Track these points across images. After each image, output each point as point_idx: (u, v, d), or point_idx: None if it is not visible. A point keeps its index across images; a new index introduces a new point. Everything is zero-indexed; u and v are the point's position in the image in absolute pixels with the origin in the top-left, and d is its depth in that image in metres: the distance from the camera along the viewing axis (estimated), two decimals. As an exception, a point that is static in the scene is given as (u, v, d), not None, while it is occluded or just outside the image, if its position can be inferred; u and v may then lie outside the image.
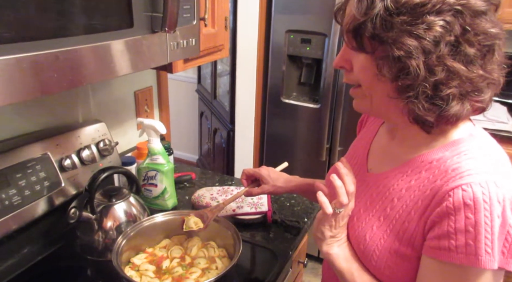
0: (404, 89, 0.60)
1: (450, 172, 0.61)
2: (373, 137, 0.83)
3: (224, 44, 1.23)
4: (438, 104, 0.60)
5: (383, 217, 0.68)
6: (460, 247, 0.57)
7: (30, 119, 1.06)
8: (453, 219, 0.57)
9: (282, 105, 2.18)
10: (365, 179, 0.77)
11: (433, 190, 0.62)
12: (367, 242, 0.69)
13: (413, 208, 0.64)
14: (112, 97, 1.32)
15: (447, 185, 0.59)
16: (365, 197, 0.74)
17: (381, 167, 0.75)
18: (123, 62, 0.77)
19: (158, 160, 1.19)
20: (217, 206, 0.98)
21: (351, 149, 0.89)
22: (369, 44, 0.61)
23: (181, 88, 3.28)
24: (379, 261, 0.67)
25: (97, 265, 0.99)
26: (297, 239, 1.13)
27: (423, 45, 0.57)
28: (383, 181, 0.71)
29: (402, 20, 0.57)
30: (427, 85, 0.58)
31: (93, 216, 0.98)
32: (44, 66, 0.61)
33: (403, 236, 0.65)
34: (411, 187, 0.66)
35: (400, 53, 0.57)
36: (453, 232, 0.57)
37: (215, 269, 0.91)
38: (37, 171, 0.96)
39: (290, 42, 2.05)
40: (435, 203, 0.60)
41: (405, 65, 0.58)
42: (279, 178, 1.05)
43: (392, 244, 0.66)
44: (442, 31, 0.56)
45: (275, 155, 2.31)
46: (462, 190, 0.57)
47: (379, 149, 0.79)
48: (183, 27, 0.90)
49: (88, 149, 1.10)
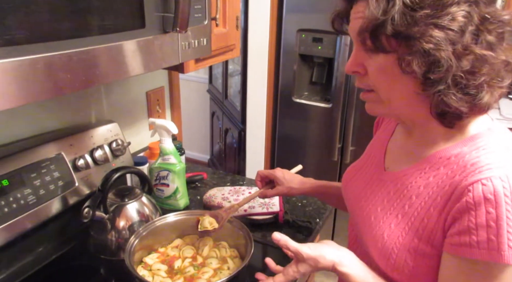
0: (435, 82, 0.59)
1: (469, 166, 0.60)
2: (389, 137, 0.82)
3: (235, 44, 1.23)
4: (471, 93, 0.59)
5: (401, 215, 0.67)
6: (482, 242, 0.56)
7: (44, 119, 1.07)
8: (473, 214, 0.56)
9: (294, 104, 2.17)
10: (382, 178, 0.76)
11: (452, 185, 0.61)
12: (385, 240, 0.68)
13: (432, 205, 0.63)
14: (125, 97, 1.33)
15: (466, 180, 0.58)
16: (382, 195, 0.73)
17: (398, 166, 0.74)
18: (135, 62, 0.77)
19: (170, 160, 1.19)
20: (232, 206, 0.98)
21: (368, 150, 0.88)
22: (390, 43, 0.60)
23: (192, 88, 3.30)
24: (398, 259, 0.66)
25: (110, 264, 1.00)
26: (309, 239, 1.12)
27: (450, 36, 0.57)
28: (401, 179, 0.71)
29: (425, 14, 0.57)
30: (461, 74, 0.58)
31: (106, 216, 0.99)
32: (58, 66, 0.61)
33: (422, 233, 0.64)
34: (429, 183, 0.65)
35: (430, 46, 0.57)
36: (474, 228, 0.56)
37: (227, 269, 0.91)
38: (52, 171, 0.97)
39: (302, 41, 2.04)
40: (454, 198, 0.60)
41: (436, 58, 0.57)
42: (293, 180, 1.04)
43: (411, 242, 0.65)
44: (465, 21, 0.57)
45: (286, 155, 2.30)
46: (482, 184, 0.56)
47: (396, 148, 0.78)
48: (194, 27, 0.90)
49: (101, 149, 1.11)
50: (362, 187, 0.80)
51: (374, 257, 0.71)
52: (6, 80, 0.55)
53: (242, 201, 1.01)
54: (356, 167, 0.86)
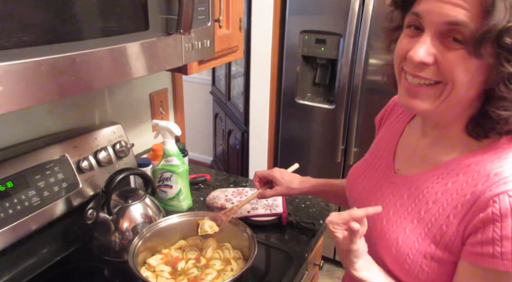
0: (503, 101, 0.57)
1: (492, 176, 0.59)
2: (399, 137, 0.80)
3: (238, 45, 1.23)
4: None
5: (416, 220, 0.67)
6: (506, 254, 0.56)
7: (49, 121, 1.08)
8: (498, 226, 0.56)
9: (297, 106, 2.17)
10: (392, 180, 0.75)
11: (474, 194, 0.60)
12: (399, 245, 0.67)
13: (452, 212, 0.62)
14: (128, 99, 1.34)
15: (490, 191, 0.58)
16: (394, 199, 0.72)
17: (410, 169, 0.73)
18: (139, 64, 0.77)
19: (173, 161, 1.19)
20: (231, 209, 0.98)
21: (372, 149, 0.86)
22: (486, 50, 0.54)
23: (195, 90, 3.30)
24: (413, 265, 0.65)
25: (113, 266, 1.00)
26: (313, 241, 1.12)
27: None
28: (415, 183, 0.69)
29: None
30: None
31: (109, 217, 1.00)
32: (62, 69, 0.62)
33: (440, 240, 0.63)
34: (447, 190, 0.64)
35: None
36: (498, 239, 0.56)
37: (230, 270, 0.91)
38: (56, 172, 0.98)
39: (305, 42, 2.04)
40: (477, 208, 0.59)
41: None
42: (292, 180, 1.04)
43: (427, 248, 0.64)
44: None
45: (289, 156, 2.30)
46: (508, 196, 0.56)
47: (407, 149, 0.77)
48: (198, 29, 0.90)
49: (104, 150, 1.11)
50: (370, 189, 0.79)
51: (386, 261, 0.70)
52: (11, 83, 0.56)
53: (241, 203, 1.01)
54: (362, 167, 0.85)
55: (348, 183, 0.87)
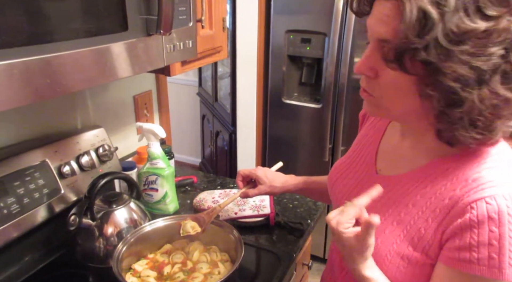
0: (450, 120, 0.57)
1: (470, 182, 0.59)
2: (381, 136, 0.80)
3: (222, 46, 1.22)
4: (485, 133, 0.57)
5: (396, 222, 0.66)
6: (482, 259, 0.56)
7: (28, 126, 1.05)
8: (476, 232, 0.56)
9: (284, 105, 2.17)
10: (374, 181, 0.73)
11: (453, 199, 0.60)
12: (378, 246, 0.67)
13: (430, 216, 0.62)
14: (111, 102, 1.31)
15: (468, 196, 0.58)
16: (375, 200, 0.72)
17: (392, 170, 0.73)
18: (119, 66, 0.75)
19: (158, 164, 1.17)
20: (214, 209, 0.97)
21: (355, 146, 0.86)
22: (414, 66, 0.54)
23: (182, 92, 3.28)
24: (390, 266, 0.65)
25: (99, 272, 0.98)
26: (301, 241, 1.11)
27: (481, 77, 0.52)
28: (396, 185, 0.69)
29: (462, 50, 0.51)
30: (480, 118, 0.55)
31: (93, 223, 0.97)
32: (36, 71, 0.60)
33: (418, 242, 0.63)
34: (426, 193, 0.64)
35: (457, 85, 0.53)
36: (475, 245, 0.56)
37: (218, 273, 0.90)
38: (36, 178, 0.95)
39: (290, 42, 2.04)
40: (455, 213, 0.59)
41: (459, 98, 0.54)
42: (275, 178, 1.03)
43: (405, 250, 0.64)
44: (500, 61, 0.52)
45: (277, 156, 2.29)
46: (486, 203, 0.56)
47: (389, 150, 0.76)
48: (179, 29, 0.89)
49: (87, 155, 1.09)
50: (352, 188, 0.78)
51: None
52: (-18, 87, 0.54)
53: (224, 203, 0.99)
54: (344, 165, 0.84)
55: (330, 180, 0.87)
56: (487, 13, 0.51)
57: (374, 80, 0.62)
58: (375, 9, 0.59)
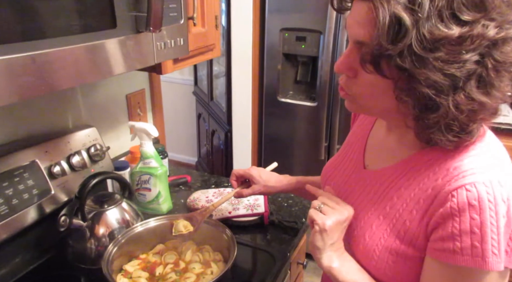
0: (426, 124, 0.57)
1: (451, 170, 0.59)
2: (369, 132, 0.80)
3: (215, 44, 1.21)
4: (461, 136, 0.58)
5: (382, 216, 0.66)
6: (466, 249, 0.55)
7: (17, 125, 1.03)
8: (457, 221, 0.55)
9: (279, 104, 2.16)
10: (362, 176, 0.74)
11: (435, 189, 0.59)
12: (366, 241, 0.66)
13: (415, 208, 0.62)
14: (103, 101, 1.30)
15: (449, 185, 0.57)
16: (363, 195, 0.71)
17: (378, 164, 0.73)
18: (107, 64, 0.74)
19: (151, 164, 1.16)
20: (207, 208, 0.96)
21: (345, 145, 0.86)
22: (390, 70, 0.55)
23: (178, 91, 3.26)
24: (379, 261, 0.65)
25: (90, 274, 0.97)
26: (295, 240, 1.11)
27: (455, 83, 0.53)
28: (381, 179, 0.69)
29: (436, 57, 0.51)
30: (455, 123, 0.56)
31: (84, 224, 0.96)
32: (20, 69, 0.58)
33: (404, 235, 0.62)
34: (410, 185, 0.64)
35: (431, 92, 0.53)
36: (457, 234, 0.55)
37: (210, 273, 0.89)
38: (25, 179, 0.94)
39: (285, 40, 2.03)
40: (437, 203, 0.58)
41: (434, 103, 0.54)
42: (269, 178, 1.02)
43: (392, 243, 0.63)
44: (475, 67, 0.53)
45: (273, 155, 2.29)
46: (466, 190, 0.55)
47: (376, 145, 0.77)
48: (169, 27, 0.88)
49: (78, 155, 1.07)
50: (342, 185, 0.78)
51: (356, 257, 0.70)
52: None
53: (218, 203, 0.98)
54: (335, 163, 0.84)
55: (322, 179, 0.87)
56: (462, 18, 0.51)
57: (352, 79, 0.62)
58: (353, 8, 0.59)
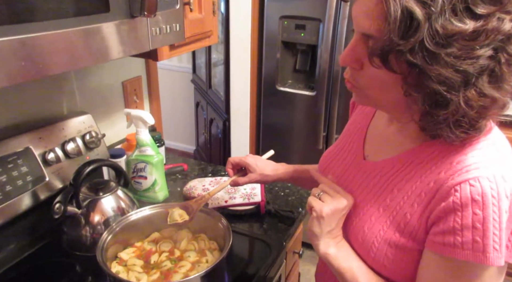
0: (435, 120, 0.56)
1: (455, 164, 0.58)
2: (369, 122, 0.78)
3: (212, 30, 1.19)
4: (469, 132, 0.56)
5: (382, 208, 0.65)
6: (467, 243, 0.54)
7: (10, 111, 1.02)
8: (459, 215, 0.55)
9: (278, 93, 2.14)
10: (361, 167, 0.73)
11: (438, 183, 0.58)
12: (365, 233, 0.66)
13: (416, 201, 0.61)
14: (99, 87, 1.28)
15: (453, 179, 0.56)
16: (362, 186, 0.70)
17: (379, 155, 0.71)
18: (100, 49, 0.72)
19: (147, 151, 1.15)
20: (203, 197, 0.95)
21: (344, 134, 0.85)
22: (400, 65, 0.53)
23: (176, 78, 3.23)
24: (378, 253, 0.64)
25: (85, 261, 0.96)
26: (291, 229, 1.10)
27: (467, 79, 0.51)
28: (382, 170, 0.68)
29: (448, 53, 0.50)
30: (465, 119, 0.54)
31: (79, 211, 0.96)
32: (9, 53, 0.57)
33: (404, 228, 0.62)
34: (412, 177, 0.63)
35: (442, 88, 0.52)
36: (459, 229, 0.55)
37: (206, 262, 0.89)
38: (19, 165, 0.93)
39: (284, 28, 2.00)
40: (440, 197, 0.57)
41: (445, 100, 0.53)
42: (266, 166, 1.01)
43: (392, 236, 0.63)
44: (488, 62, 0.51)
45: (271, 144, 2.28)
46: (470, 185, 0.54)
47: (376, 135, 0.75)
48: (165, 12, 0.86)
49: (73, 142, 1.06)
50: (340, 175, 0.77)
51: (355, 248, 0.69)
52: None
53: (213, 191, 0.97)
54: (333, 153, 0.83)
55: (320, 168, 0.85)
56: (477, 12, 0.49)
57: (359, 72, 0.61)
58: (357, 1, 0.57)
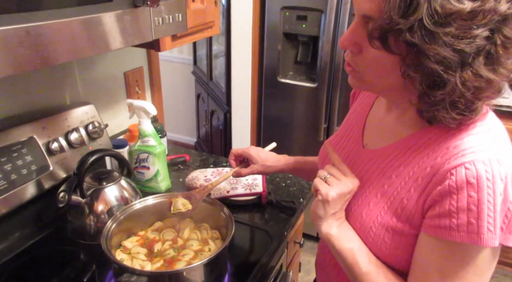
0: (431, 101, 0.57)
1: (451, 149, 0.59)
2: (368, 111, 0.79)
3: (214, 21, 1.19)
4: (465, 114, 0.57)
5: (380, 194, 0.66)
6: (462, 225, 0.56)
7: (14, 101, 1.02)
8: (455, 198, 0.56)
9: (279, 85, 2.14)
10: (360, 155, 0.74)
11: (434, 167, 0.59)
12: (363, 219, 0.67)
13: (413, 186, 0.62)
14: (101, 78, 1.29)
15: (448, 163, 0.57)
16: (361, 173, 0.71)
17: (377, 143, 0.73)
18: (103, 38, 0.73)
19: (149, 142, 1.16)
20: (206, 187, 0.96)
21: (345, 123, 0.86)
22: (398, 46, 0.54)
23: (177, 70, 3.23)
24: (376, 238, 0.66)
25: (90, 249, 0.98)
26: (292, 219, 1.12)
27: (464, 59, 0.52)
28: (380, 158, 0.69)
29: (447, 32, 0.51)
30: (461, 100, 0.55)
31: (83, 200, 0.97)
32: (14, 42, 0.57)
33: (401, 213, 0.63)
34: (409, 163, 0.64)
35: (440, 68, 0.53)
36: (454, 211, 0.56)
37: (208, 251, 0.90)
38: (23, 155, 0.94)
39: (286, 19, 1.99)
40: (436, 181, 0.58)
41: (442, 80, 0.54)
42: (268, 158, 1.02)
43: (389, 221, 0.64)
44: (484, 43, 0.52)
45: (272, 135, 2.28)
46: (465, 168, 0.55)
47: (375, 124, 0.76)
48: (167, 2, 0.86)
49: (76, 132, 1.07)
50: None
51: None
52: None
53: (216, 181, 0.99)
54: (334, 141, 0.84)
55: (320, 158, 0.86)
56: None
57: (358, 55, 0.62)
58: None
